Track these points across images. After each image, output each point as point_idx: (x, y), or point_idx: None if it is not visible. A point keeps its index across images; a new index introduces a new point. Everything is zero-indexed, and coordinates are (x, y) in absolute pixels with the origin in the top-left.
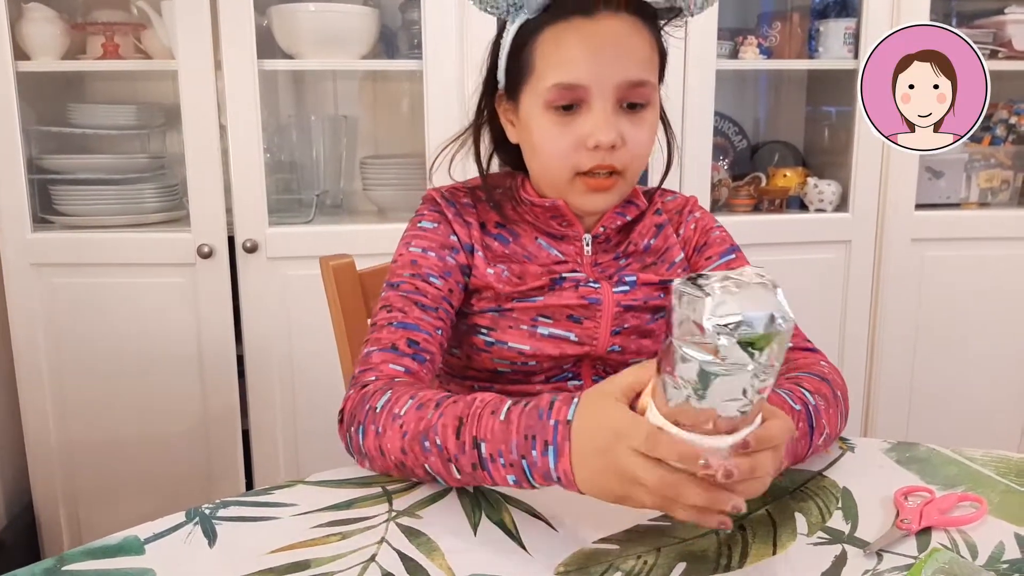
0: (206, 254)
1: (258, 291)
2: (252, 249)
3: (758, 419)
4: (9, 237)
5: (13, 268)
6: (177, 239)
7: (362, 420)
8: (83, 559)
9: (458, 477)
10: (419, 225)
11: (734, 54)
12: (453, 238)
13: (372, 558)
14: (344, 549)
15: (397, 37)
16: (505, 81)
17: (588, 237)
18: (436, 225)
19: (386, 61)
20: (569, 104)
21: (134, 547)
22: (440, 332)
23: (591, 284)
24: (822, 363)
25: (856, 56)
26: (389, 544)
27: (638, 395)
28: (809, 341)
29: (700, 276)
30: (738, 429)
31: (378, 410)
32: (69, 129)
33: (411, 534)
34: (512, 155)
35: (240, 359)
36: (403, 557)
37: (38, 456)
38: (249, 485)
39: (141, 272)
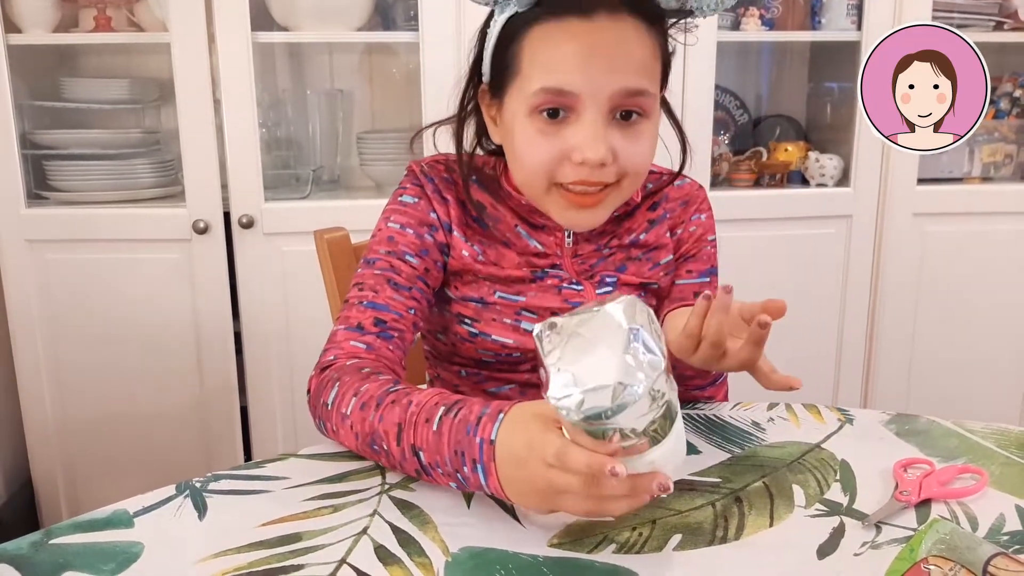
0: (202, 230)
1: (254, 267)
2: (248, 225)
3: (677, 425)
4: (3, 213)
5: (8, 244)
6: (172, 215)
7: (320, 415)
8: (71, 532)
9: (412, 475)
10: (400, 199)
11: (736, 25)
12: (432, 215)
13: (364, 531)
14: (336, 522)
15: (393, 8)
16: (490, 77)
17: (569, 230)
18: (416, 200)
19: (382, 33)
20: (556, 110)
21: (123, 520)
22: (413, 311)
23: (574, 286)
24: None
25: (859, 28)
26: (381, 517)
27: None
28: None
29: (553, 326)
30: (644, 449)
31: (329, 406)
32: (62, 104)
33: (404, 507)
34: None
35: (237, 335)
36: (396, 530)
37: (36, 433)
38: (248, 461)
39: (136, 248)
